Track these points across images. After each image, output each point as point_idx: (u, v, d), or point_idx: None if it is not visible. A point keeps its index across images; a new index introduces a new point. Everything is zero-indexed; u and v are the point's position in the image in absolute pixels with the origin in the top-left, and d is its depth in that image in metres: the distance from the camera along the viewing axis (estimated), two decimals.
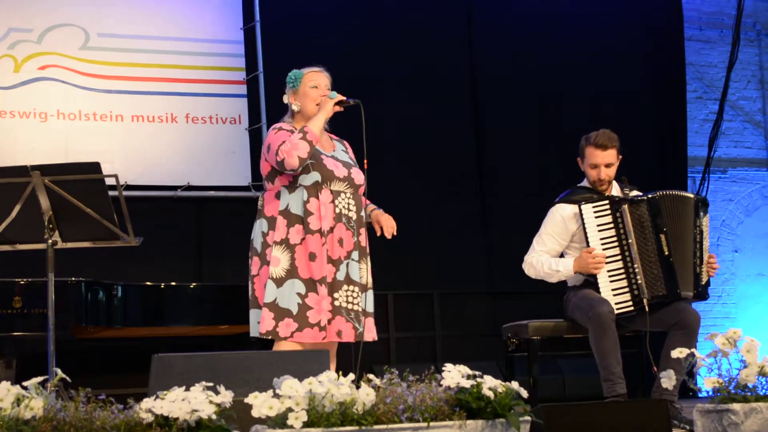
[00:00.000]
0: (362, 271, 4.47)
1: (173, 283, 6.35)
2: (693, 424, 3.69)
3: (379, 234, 4.58)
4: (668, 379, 3.57)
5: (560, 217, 5.18)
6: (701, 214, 5.16)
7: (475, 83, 8.58)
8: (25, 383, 2.77)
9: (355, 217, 4.46)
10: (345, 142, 4.75)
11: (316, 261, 4.31)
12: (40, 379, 2.82)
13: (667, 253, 5.00)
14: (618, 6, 9.03)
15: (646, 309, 4.94)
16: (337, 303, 4.34)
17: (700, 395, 7.05)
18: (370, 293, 4.52)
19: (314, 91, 4.54)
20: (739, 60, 9.48)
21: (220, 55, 7.80)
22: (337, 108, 4.51)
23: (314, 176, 4.37)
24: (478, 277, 8.30)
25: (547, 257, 5.17)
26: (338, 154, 4.57)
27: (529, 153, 8.40)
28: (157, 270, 6.91)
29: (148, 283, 6.32)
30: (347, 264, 4.40)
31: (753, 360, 3.49)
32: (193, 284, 6.56)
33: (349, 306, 4.37)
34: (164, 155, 7.51)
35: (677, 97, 9.09)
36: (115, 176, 4.14)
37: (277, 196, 4.42)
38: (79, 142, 7.30)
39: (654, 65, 9.06)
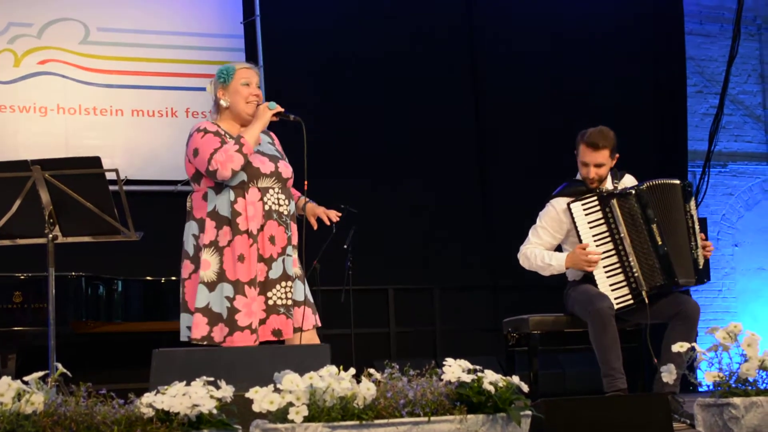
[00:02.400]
0: (295, 264, 4.37)
1: (173, 278, 6.35)
2: (693, 418, 3.69)
3: (316, 228, 4.48)
4: (669, 374, 3.58)
5: (555, 211, 5.19)
6: (688, 199, 5.13)
7: (477, 81, 8.57)
8: (25, 378, 2.77)
9: (286, 212, 4.33)
10: (271, 133, 4.58)
11: (245, 262, 4.21)
12: (40, 374, 2.82)
13: (660, 242, 4.99)
14: (618, 0, 9.02)
15: (646, 301, 4.94)
16: (270, 302, 4.24)
17: (700, 389, 7.09)
18: (299, 282, 4.35)
19: (245, 89, 4.39)
20: (739, 54, 9.46)
21: (221, 49, 7.79)
22: (274, 118, 4.40)
23: (240, 176, 4.24)
24: (479, 271, 8.30)
25: (541, 250, 5.18)
26: (264, 147, 4.43)
27: (530, 148, 8.40)
28: (157, 264, 6.89)
29: (148, 277, 6.32)
30: (283, 260, 4.28)
31: (754, 354, 3.49)
32: None
33: (288, 302, 4.26)
34: (164, 150, 7.50)
35: (677, 91, 9.08)
36: (116, 171, 4.13)
37: (204, 197, 4.31)
38: (79, 136, 7.30)
39: (654, 59, 9.06)
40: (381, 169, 8.05)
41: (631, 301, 4.98)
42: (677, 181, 5.14)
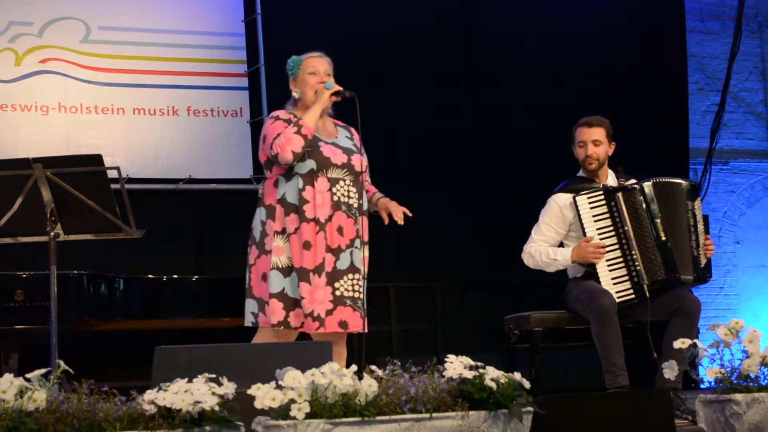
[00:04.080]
0: (365, 262, 4.41)
1: (175, 276, 6.35)
2: (695, 415, 3.70)
3: (387, 222, 4.50)
4: (670, 370, 3.58)
5: (557, 206, 5.21)
6: (692, 198, 5.17)
7: (476, 81, 8.56)
8: (28, 375, 2.78)
9: (356, 204, 4.38)
10: (352, 128, 4.64)
11: (311, 250, 4.24)
12: (43, 371, 2.82)
13: (664, 238, 5.02)
14: None
15: (647, 295, 4.95)
16: (338, 293, 4.26)
17: (702, 386, 7.09)
18: (365, 283, 4.43)
19: (312, 78, 4.48)
20: (740, 51, 9.46)
21: (222, 47, 7.79)
22: (334, 98, 4.45)
23: (310, 164, 4.29)
24: (480, 269, 8.29)
25: (545, 246, 5.19)
26: (340, 140, 4.48)
27: (530, 145, 8.39)
28: (159, 263, 6.91)
29: (150, 275, 6.33)
30: (350, 252, 4.31)
31: (755, 350, 3.50)
32: (195, 277, 6.57)
33: (355, 295, 4.29)
34: (166, 148, 7.50)
35: (679, 88, 9.08)
36: (117, 168, 4.14)
37: (275, 184, 4.37)
38: (80, 135, 7.30)
39: (656, 57, 9.05)
40: (381, 168, 8.02)
41: (633, 296, 4.99)
42: (680, 180, 5.20)
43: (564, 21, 8.74)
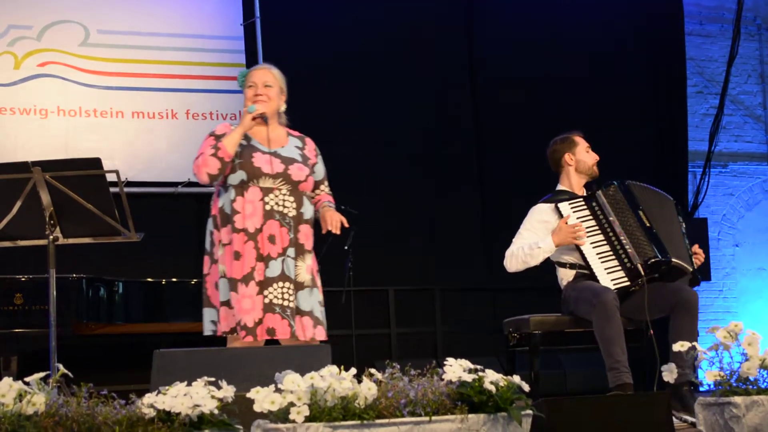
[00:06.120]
0: (298, 269, 4.34)
1: (174, 279, 6.35)
2: (695, 417, 3.70)
3: (324, 232, 4.47)
4: (669, 373, 3.59)
5: (537, 213, 5.25)
6: (679, 212, 5.32)
7: (475, 80, 8.57)
8: (27, 379, 2.77)
9: (292, 214, 4.34)
10: (307, 138, 4.60)
11: (240, 260, 4.26)
12: (42, 374, 2.82)
13: (648, 225, 5.07)
14: (618, 1, 9.02)
15: (642, 273, 4.95)
16: (267, 300, 4.24)
17: (701, 388, 7.09)
18: (307, 291, 4.35)
19: (249, 91, 4.47)
20: (739, 54, 9.48)
21: (221, 51, 7.79)
22: (258, 122, 4.40)
23: (240, 175, 4.29)
24: (479, 272, 8.30)
25: (526, 242, 5.19)
26: (286, 150, 4.42)
27: (529, 149, 8.38)
28: (158, 266, 6.91)
29: (149, 279, 6.32)
30: (282, 261, 4.28)
31: (754, 353, 3.50)
32: (194, 280, 6.55)
33: (285, 303, 4.26)
34: (165, 151, 7.50)
35: (678, 91, 9.09)
36: (116, 172, 4.14)
37: (218, 194, 4.41)
38: (79, 138, 7.30)
39: (654, 60, 9.06)
40: (381, 171, 8.05)
41: (628, 281, 4.99)
42: (670, 198, 5.36)
43: (563, 23, 8.74)
